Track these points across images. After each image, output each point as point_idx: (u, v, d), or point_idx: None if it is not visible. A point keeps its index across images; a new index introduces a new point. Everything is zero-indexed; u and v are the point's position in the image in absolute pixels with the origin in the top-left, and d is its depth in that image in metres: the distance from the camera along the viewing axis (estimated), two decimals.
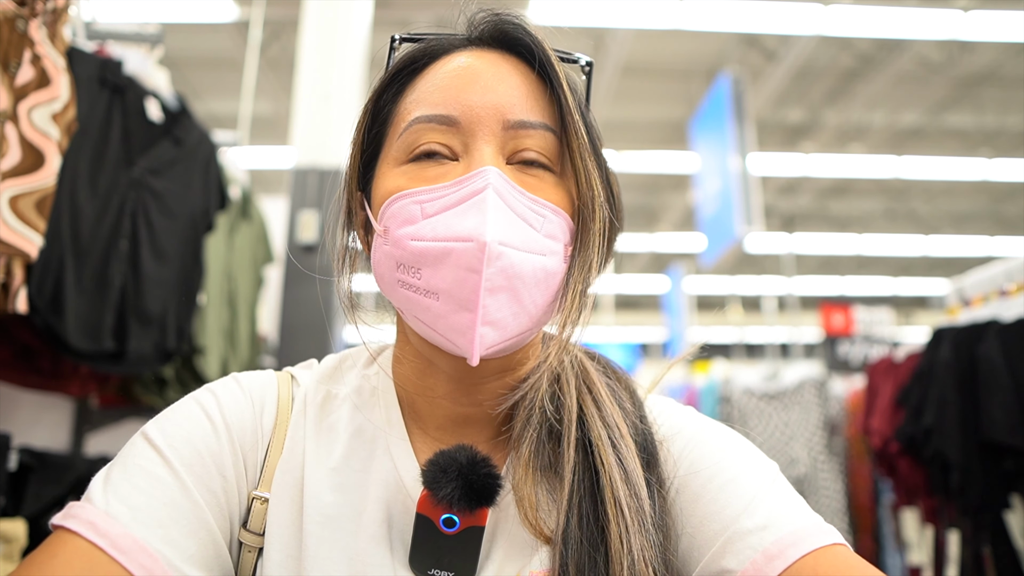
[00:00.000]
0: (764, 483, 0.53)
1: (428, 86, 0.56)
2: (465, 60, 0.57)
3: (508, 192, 0.51)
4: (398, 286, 0.54)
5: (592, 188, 0.55)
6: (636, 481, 0.53)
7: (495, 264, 0.49)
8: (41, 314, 1.32)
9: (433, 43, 0.59)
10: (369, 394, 0.61)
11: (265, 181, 7.04)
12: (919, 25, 5.44)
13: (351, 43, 2.88)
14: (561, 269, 0.54)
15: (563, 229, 0.55)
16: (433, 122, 0.54)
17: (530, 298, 0.52)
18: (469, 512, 0.51)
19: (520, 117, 0.54)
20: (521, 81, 0.56)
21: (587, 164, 0.55)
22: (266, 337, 2.56)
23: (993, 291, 2.28)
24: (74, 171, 1.40)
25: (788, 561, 0.47)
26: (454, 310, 0.50)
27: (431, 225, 0.51)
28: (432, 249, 0.51)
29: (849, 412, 3.61)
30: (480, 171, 0.51)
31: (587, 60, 0.62)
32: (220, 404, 0.57)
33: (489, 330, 0.50)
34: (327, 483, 0.56)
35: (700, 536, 0.52)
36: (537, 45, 0.56)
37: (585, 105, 0.60)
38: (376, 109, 0.60)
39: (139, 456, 0.52)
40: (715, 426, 0.60)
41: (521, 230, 0.51)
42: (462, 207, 0.51)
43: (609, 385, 0.61)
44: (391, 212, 0.54)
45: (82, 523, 0.47)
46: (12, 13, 1.21)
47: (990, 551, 2.01)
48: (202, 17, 5.37)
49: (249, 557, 0.55)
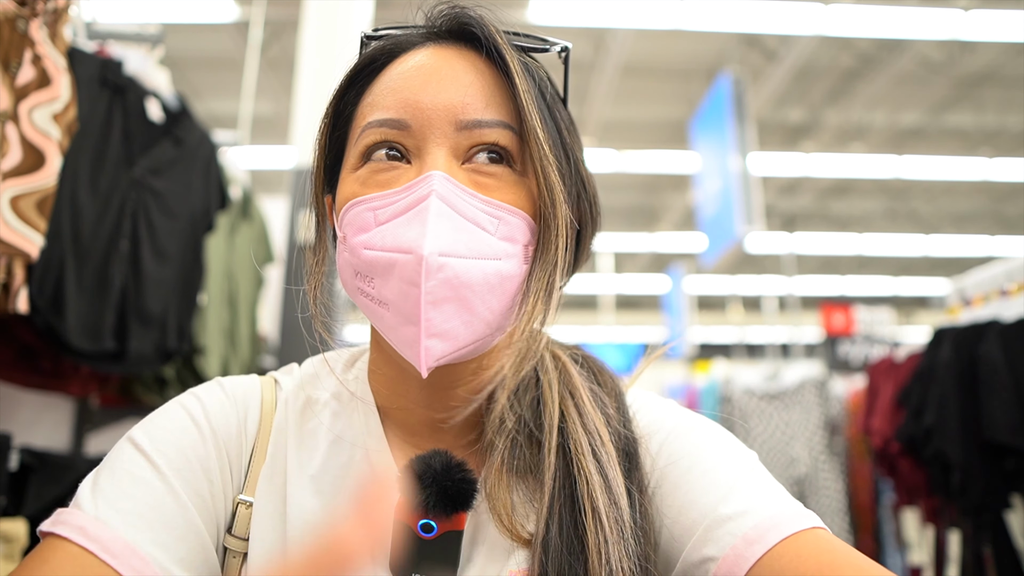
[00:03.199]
0: (742, 471, 0.53)
1: (382, 88, 0.55)
2: (421, 59, 0.55)
3: (455, 196, 0.50)
4: (358, 293, 0.53)
5: (551, 187, 0.53)
6: (616, 490, 0.53)
7: (436, 276, 0.48)
8: (42, 314, 1.32)
9: (391, 42, 0.58)
10: (348, 400, 0.61)
11: (266, 181, 7.03)
12: (919, 25, 5.44)
13: (351, 43, 2.88)
14: (520, 271, 0.53)
15: (522, 230, 0.53)
16: (384, 127, 0.53)
17: (484, 305, 0.51)
18: (446, 517, 0.52)
19: (474, 116, 0.52)
20: (476, 78, 0.54)
21: (545, 163, 0.53)
22: (266, 337, 2.56)
23: (994, 291, 2.28)
24: (75, 171, 1.40)
25: (768, 545, 0.47)
26: (401, 323, 0.50)
27: (381, 234, 0.51)
28: (380, 259, 0.50)
29: (850, 412, 3.61)
30: (425, 176, 0.50)
31: (562, 46, 0.60)
32: (205, 408, 0.57)
33: (436, 342, 0.49)
34: (309, 489, 0.56)
35: (680, 526, 0.52)
36: (489, 37, 0.53)
37: (555, 96, 0.58)
38: (337, 112, 0.59)
39: (126, 461, 0.52)
40: (694, 418, 0.60)
41: (470, 236, 0.50)
42: (408, 215, 0.50)
43: (592, 390, 0.60)
44: (348, 219, 0.53)
45: (72, 528, 0.47)
46: (13, 13, 1.21)
47: (991, 551, 2.01)
48: (202, 17, 5.37)
49: (234, 563, 0.55)
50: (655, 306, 13.31)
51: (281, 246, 2.60)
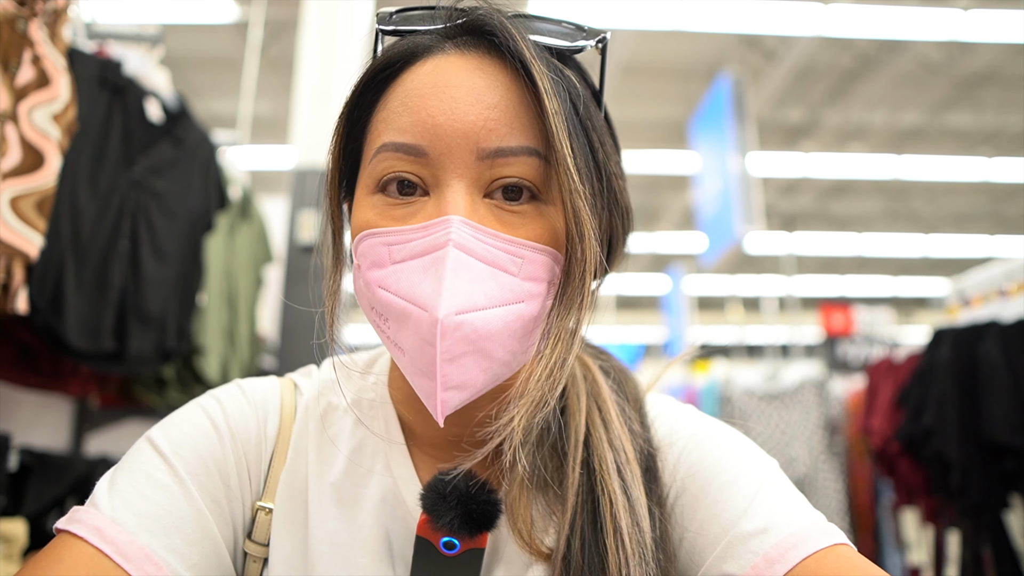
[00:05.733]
0: (763, 483, 0.52)
1: (398, 104, 0.51)
2: (439, 71, 0.50)
3: (474, 242, 0.47)
4: (375, 326, 0.52)
5: (581, 222, 0.48)
6: (639, 511, 0.52)
7: (452, 335, 0.45)
8: (41, 314, 1.32)
9: (408, 45, 0.53)
10: (368, 407, 0.60)
11: (265, 181, 7.03)
12: (919, 25, 5.44)
13: (351, 43, 2.88)
14: (543, 309, 0.50)
15: (547, 267, 0.50)
16: (400, 151, 0.49)
17: (504, 349, 0.48)
18: (469, 537, 0.52)
19: (496, 144, 0.48)
20: (500, 97, 0.49)
21: (575, 195, 0.48)
22: (266, 337, 2.56)
23: (993, 291, 2.28)
24: (74, 171, 1.40)
25: (789, 564, 0.46)
26: (417, 372, 0.48)
27: (396, 276, 0.48)
28: (395, 304, 0.48)
29: (849, 412, 3.61)
30: (443, 220, 0.47)
31: (600, 37, 0.55)
32: (225, 412, 0.56)
33: (453, 394, 0.47)
34: (329, 497, 0.56)
35: (701, 540, 0.51)
36: (514, 51, 0.48)
37: (589, 104, 0.54)
38: (351, 119, 0.55)
39: (144, 462, 0.52)
40: (713, 425, 0.59)
41: (490, 283, 0.47)
42: (424, 261, 0.47)
43: (619, 403, 0.59)
44: (362, 249, 0.51)
45: (88, 528, 0.47)
46: (12, 13, 1.21)
47: (990, 551, 2.01)
48: (202, 17, 5.37)
49: (255, 567, 0.55)
50: (655, 306, 13.31)
51: (281, 246, 2.60)
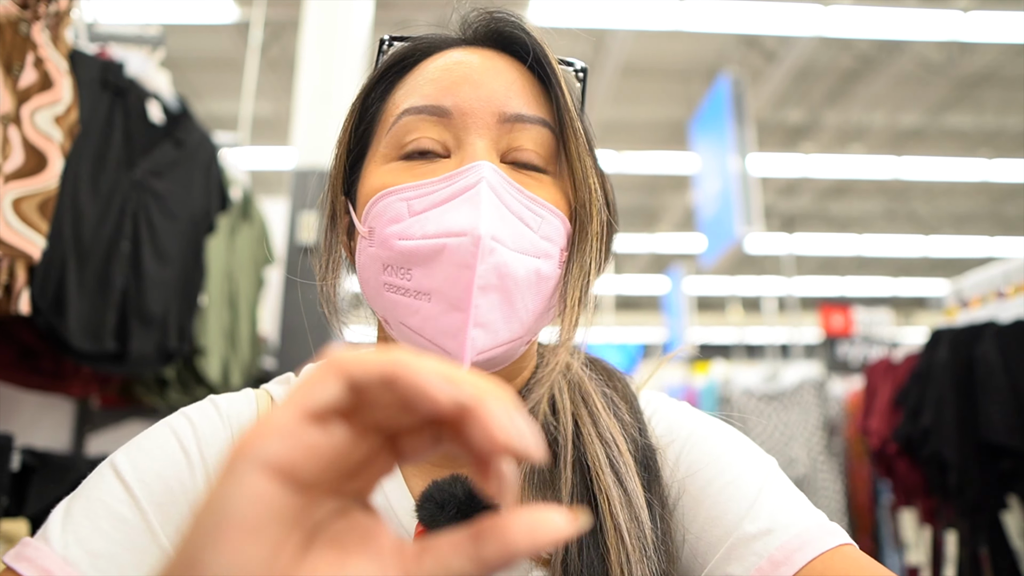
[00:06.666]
0: (764, 483, 0.52)
1: (419, 80, 0.54)
2: (458, 56, 0.54)
3: (503, 188, 0.49)
4: (384, 290, 0.51)
5: (590, 188, 0.53)
6: (637, 503, 0.51)
7: (488, 260, 0.46)
8: (43, 315, 1.33)
9: (424, 41, 0.57)
10: None
11: (266, 182, 7.04)
12: (919, 26, 5.45)
13: (351, 43, 2.89)
14: (556, 274, 0.52)
15: (560, 232, 0.52)
16: (424, 113, 0.51)
17: (523, 302, 0.49)
18: None
19: (516, 110, 0.52)
20: (517, 76, 0.54)
21: (585, 164, 0.53)
22: (267, 338, 2.57)
23: (991, 292, 2.29)
24: (76, 173, 1.41)
25: (795, 567, 0.46)
26: (445, 310, 0.48)
27: (420, 222, 0.49)
28: (422, 247, 0.48)
29: (848, 413, 3.62)
30: (473, 165, 0.49)
31: (581, 66, 0.60)
32: (197, 433, 0.53)
33: (480, 332, 0.47)
34: None
35: (703, 542, 0.51)
36: (533, 42, 0.53)
37: (581, 107, 0.59)
38: (364, 108, 0.57)
39: (104, 491, 0.48)
40: (711, 423, 0.59)
41: (516, 229, 0.49)
42: (454, 202, 0.48)
43: (606, 395, 0.58)
44: (376, 211, 0.51)
45: (37, 569, 0.44)
46: (15, 16, 1.22)
47: (987, 551, 2.02)
48: (203, 18, 5.37)
49: None
50: (655, 307, 13.31)
51: (281, 247, 2.61)
